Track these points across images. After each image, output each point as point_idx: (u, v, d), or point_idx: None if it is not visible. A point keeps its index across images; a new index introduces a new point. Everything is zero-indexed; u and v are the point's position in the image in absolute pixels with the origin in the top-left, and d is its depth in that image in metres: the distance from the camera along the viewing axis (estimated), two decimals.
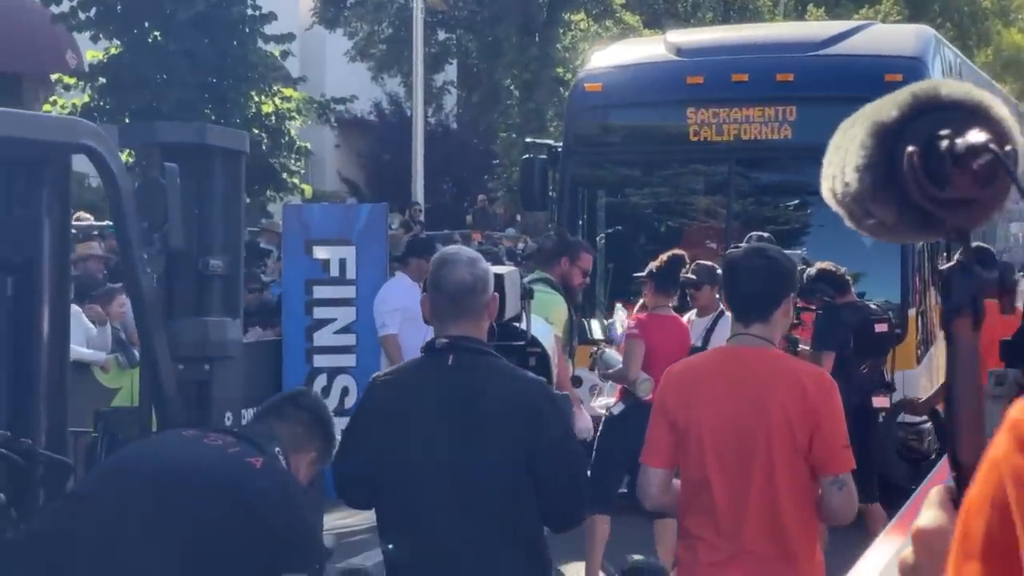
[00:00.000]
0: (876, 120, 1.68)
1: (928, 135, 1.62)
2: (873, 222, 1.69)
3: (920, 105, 1.66)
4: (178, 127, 4.91)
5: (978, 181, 1.59)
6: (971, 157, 1.58)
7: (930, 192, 1.60)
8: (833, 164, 1.73)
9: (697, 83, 11.81)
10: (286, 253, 13.29)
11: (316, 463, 4.44)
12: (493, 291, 4.45)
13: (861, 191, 1.67)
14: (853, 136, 1.70)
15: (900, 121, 1.65)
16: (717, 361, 4.67)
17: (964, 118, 1.63)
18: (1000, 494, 0.94)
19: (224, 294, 4.79)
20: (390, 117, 34.82)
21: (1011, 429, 0.96)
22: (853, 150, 1.68)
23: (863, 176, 1.66)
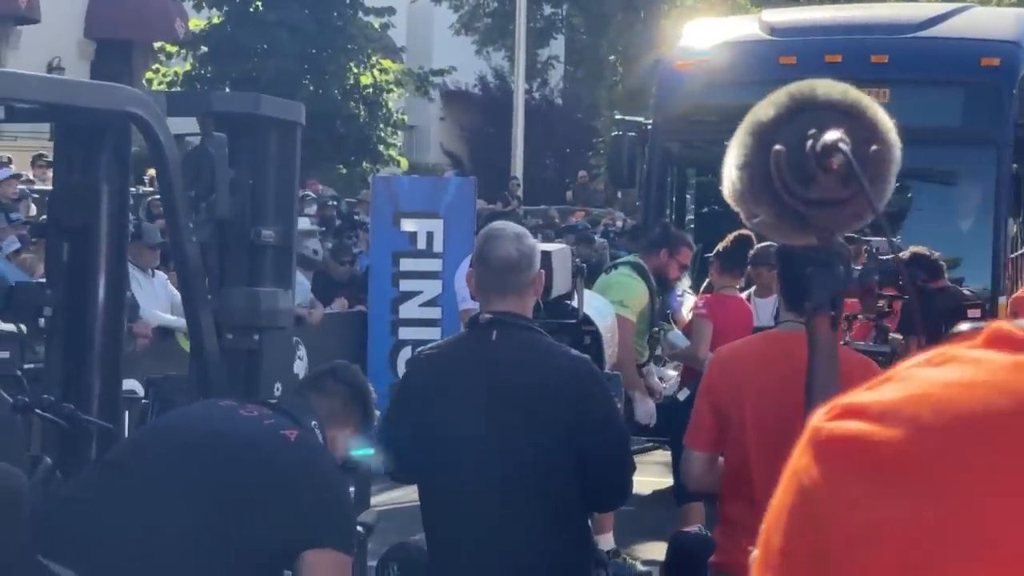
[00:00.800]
0: (754, 119, 1.64)
1: (801, 135, 1.57)
2: (758, 220, 1.65)
3: (796, 104, 1.61)
4: (232, 96, 4.93)
5: (842, 181, 1.54)
6: (828, 156, 1.53)
7: (796, 191, 1.55)
8: (727, 163, 1.70)
9: (790, 63, 11.62)
10: (374, 225, 13.35)
11: (353, 438, 4.42)
12: (540, 268, 4.42)
13: (742, 190, 1.64)
14: (739, 135, 1.66)
15: (776, 120, 1.61)
16: (765, 346, 4.59)
17: (838, 118, 1.57)
18: (796, 503, 0.91)
19: (276, 264, 4.80)
20: (495, 91, 34.84)
21: (809, 437, 0.93)
22: (735, 148, 1.65)
23: (742, 175, 1.63)
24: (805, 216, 1.59)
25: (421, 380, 4.49)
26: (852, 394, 0.93)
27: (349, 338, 12.58)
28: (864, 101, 1.63)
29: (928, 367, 0.93)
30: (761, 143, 1.62)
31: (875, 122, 1.62)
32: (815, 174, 1.56)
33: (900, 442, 0.88)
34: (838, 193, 1.57)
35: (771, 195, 1.60)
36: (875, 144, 1.58)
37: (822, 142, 1.53)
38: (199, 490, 3.94)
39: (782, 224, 1.63)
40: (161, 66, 20.29)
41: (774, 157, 1.56)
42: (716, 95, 12.21)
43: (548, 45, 35.08)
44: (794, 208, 1.58)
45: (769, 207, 1.61)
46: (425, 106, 29.55)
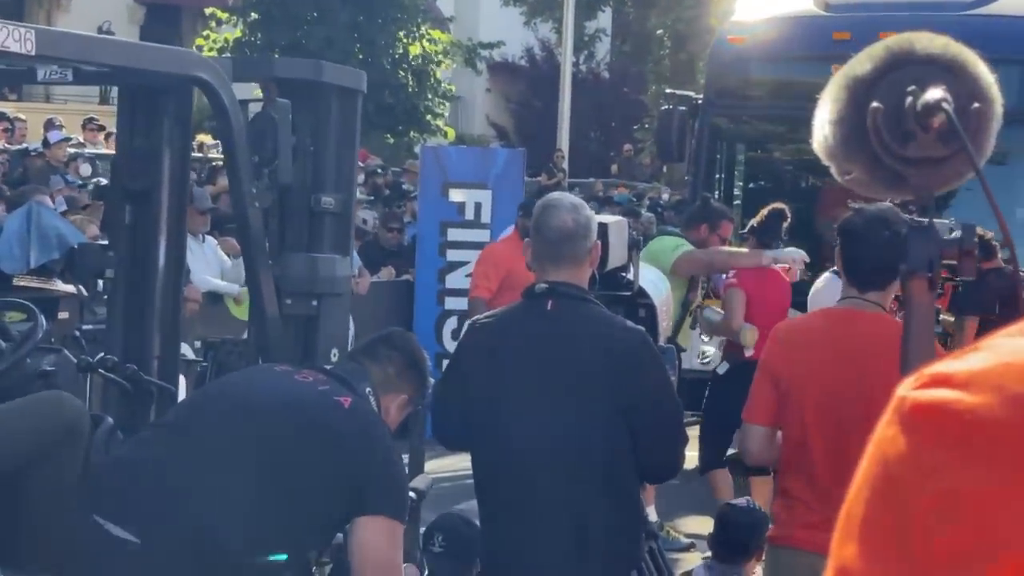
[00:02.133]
0: (849, 74, 1.62)
1: (899, 91, 1.55)
2: (851, 177, 1.64)
3: (895, 59, 1.59)
4: (295, 63, 4.94)
5: (942, 139, 1.52)
6: (929, 115, 1.51)
7: (893, 149, 1.54)
8: (819, 116, 1.68)
9: (844, 39, 11.53)
10: (422, 195, 13.37)
11: (407, 405, 4.43)
12: (596, 239, 4.42)
13: (835, 146, 1.62)
14: (832, 90, 1.64)
15: (873, 75, 1.59)
16: (826, 323, 4.59)
17: (938, 74, 1.55)
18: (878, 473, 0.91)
19: (335, 231, 4.82)
20: (541, 63, 34.76)
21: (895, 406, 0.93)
22: (827, 103, 1.63)
23: (835, 130, 1.61)
24: (902, 174, 1.57)
25: (476, 349, 4.51)
26: (939, 363, 0.93)
27: (396, 307, 12.62)
28: (965, 55, 1.61)
29: (1018, 336, 0.92)
30: (856, 98, 1.60)
31: (976, 77, 1.60)
32: (914, 132, 1.54)
33: (985, 409, 0.87)
34: (937, 151, 1.55)
35: (866, 152, 1.59)
36: (977, 101, 1.56)
37: (923, 100, 1.52)
38: (254, 454, 3.96)
39: (875, 181, 1.61)
40: (211, 32, 20.34)
41: (872, 114, 1.54)
42: (768, 70, 12.17)
43: (596, 18, 34.96)
44: (890, 166, 1.56)
45: (863, 164, 1.60)
46: (471, 77, 29.52)
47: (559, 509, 4.31)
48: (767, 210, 8.68)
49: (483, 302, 10.55)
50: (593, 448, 4.29)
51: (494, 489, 4.47)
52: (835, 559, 0.93)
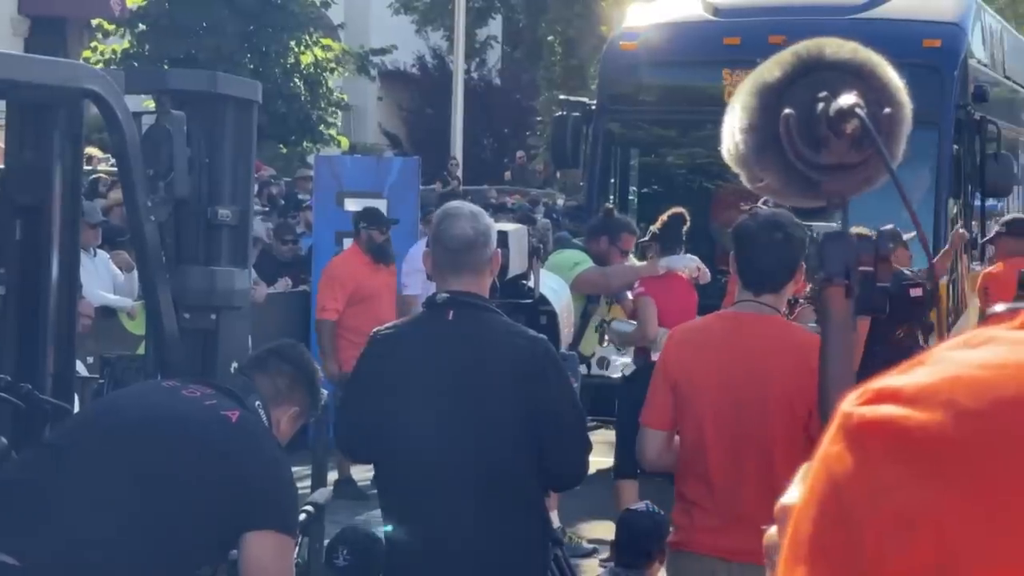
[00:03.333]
0: (759, 81, 1.61)
1: (809, 97, 1.55)
2: (762, 184, 1.63)
3: (804, 65, 1.59)
4: (188, 74, 4.88)
5: (855, 146, 1.53)
6: (842, 121, 1.51)
7: (807, 156, 1.54)
8: (727, 124, 1.67)
9: (734, 44, 11.68)
10: (317, 204, 13.29)
11: (299, 418, 4.37)
12: (496, 247, 4.42)
13: (747, 153, 1.61)
14: (742, 97, 1.63)
15: (783, 81, 1.59)
16: (722, 326, 4.61)
17: (847, 79, 1.56)
18: (826, 491, 0.89)
19: (232, 244, 4.77)
20: (433, 71, 34.71)
21: (840, 423, 0.90)
22: (738, 111, 1.62)
23: (747, 138, 1.60)
24: (815, 181, 1.57)
25: (378, 359, 4.49)
26: (884, 377, 0.90)
27: (292, 318, 12.51)
28: (874, 60, 1.61)
29: (964, 348, 0.90)
30: (767, 105, 1.59)
31: (885, 82, 1.60)
32: (827, 138, 1.54)
33: (936, 426, 0.85)
34: (850, 157, 1.55)
35: (778, 159, 1.58)
36: (887, 106, 1.56)
37: (837, 106, 1.51)
38: (139, 473, 3.89)
39: (788, 188, 1.61)
40: (98, 44, 20.07)
41: (784, 121, 1.54)
42: (660, 75, 12.27)
43: (487, 25, 35.00)
44: (804, 173, 1.56)
45: (776, 171, 1.59)
46: (363, 86, 29.41)
47: (464, 519, 4.30)
48: (667, 216, 8.74)
49: (331, 324, 10.50)
50: (497, 457, 4.29)
51: (398, 499, 4.46)
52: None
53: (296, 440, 4.60)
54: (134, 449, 3.95)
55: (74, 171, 4.84)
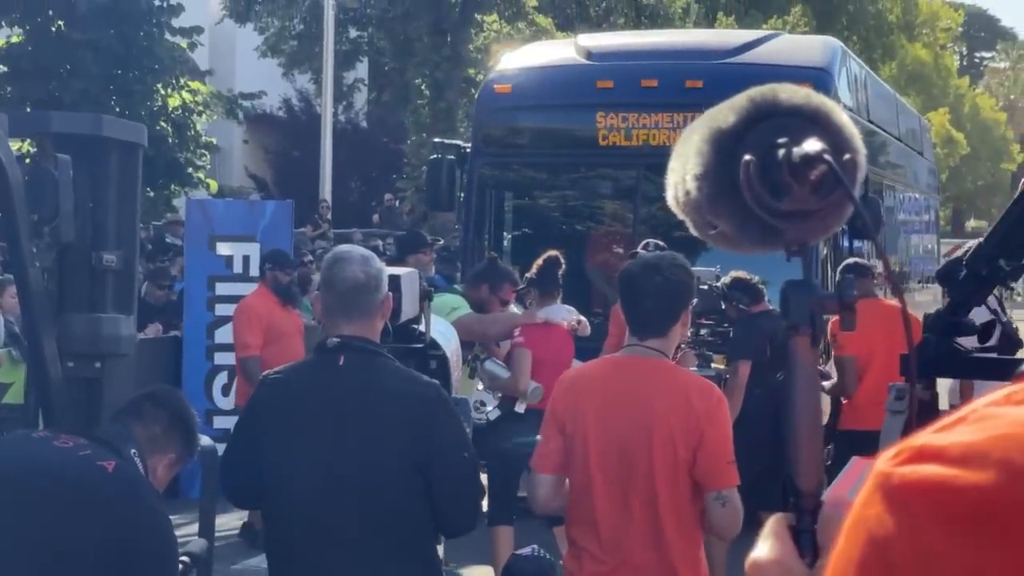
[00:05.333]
0: (713, 126, 1.60)
1: (767, 143, 1.54)
2: (715, 232, 1.61)
3: (758, 111, 1.58)
4: (73, 117, 4.77)
5: (817, 192, 1.52)
6: (807, 167, 1.50)
7: (768, 203, 1.53)
8: (675, 171, 1.65)
9: (607, 87, 11.79)
10: (189, 248, 13.11)
11: (175, 464, 4.26)
12: (388, 291, 4.37)
13: (700, 200, 1.59)
14: (693, 143, 1.62)
15: (738, 127, 1.58)
16: (608, 370, 4.61)
17: (803, 125, 1.55)
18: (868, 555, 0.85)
19: (117, 289, 4.65)
20: (299, 114, 34.60)
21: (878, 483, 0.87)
22: (691, 157, 1.60)
23: (701, 185, 1.58)
24: (775, 228, 1.55)
25: (267, 404, 4.41)
26: (922, 435, 0.87)
27: (164, 364, 12.31)
28: (827, 105, 1.60)
29: (1009, 405, 0.86)
30: (721, 151, 1.57)
31: (840, 127, 1.59)
32: (788, 185, 1.52)
33: (990, 487, 0.82)
34: (812, 204, 1.54)
35: (734, 206, 1.56)
36: (846, 152, 1.55)
37: (802, 152, 1.50)
38: (12, 528, 3.75)
39: (744, 235, 1.59)
40: None
41: (744, 167, 1.52)
42: (534, 118, 12.33)
43: (354, 68, 34.98)
44: (762, 219, 1.55)
45: (731, 218, 1.57)
46: (228, 128, 29.19)
47: (353, 567, 4.24)
48: (542, 260, 8.72)
49: (257, 359, 10.35)
50: (388, 504, 4.23)
51: (286, 546, 4.38)
52: None
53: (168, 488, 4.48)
54: (9, 504, 3.81)
55: None
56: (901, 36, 54.51)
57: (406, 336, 4.97)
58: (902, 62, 53.73)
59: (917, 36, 57.82)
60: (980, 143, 60.99)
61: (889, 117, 15.49)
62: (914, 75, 54.46)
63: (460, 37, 31.38)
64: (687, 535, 4.41)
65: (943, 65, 60.23)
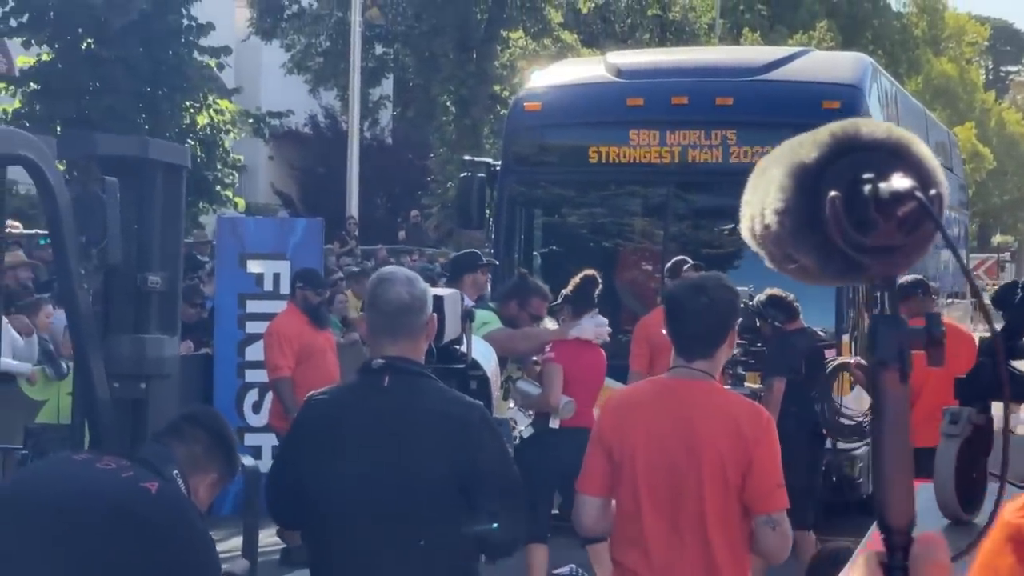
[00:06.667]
0: (795, 161, 1.60)
1: (850, 178, 1.54)
2: (795, 266, 1.61)
3: (840, 145, 1.58)
4: (118, 140, 4.80)
5: (903, 228, 1.52)
6: (896, 204, 1.50)
7: (853, 239, 1.53)
8: (751, 204, 1.65)
9: (637, 105, 11.80)
10: (219, 266, 13.14)
11: (217, 484, 4.28)
12: (432, 312, 4.38)
13: (781, 234, 1.59)
14: (772, 177, 1.62)
15: (820, 162, 1.58)
16: (655, 393, 4.60)
17: (885, 159, 1.55)
18: None
19: (162, 311, 4.69)
20: (325, 130, 34.67)
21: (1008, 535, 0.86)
22: (772, 191, 1.60)
23: (783, 219, 1.58)
24: (858, 262, 1.55)
25: (312, 425, 4.42)
26: None
27: (195, 381, 12.35)
28: (908, 138, 1.60)
29: None
30: (804, 186, 1.57)
31: (921, 160, 1.59)
32: (875, 220, 1.52)
33: None
34: (898, 239, 1.54)
35: (818, 241, 1.56)
36: (931, 187, 1.55)
37: (891, 189, 1.50)
38: (59, 553, 3.76)
39: (827, 269, 1.58)
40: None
41: (831, 203, 1.52)
42: (565, 136, 12.34)
43: (380, 84, 35.06)
44: (846, 254, 1.55)
45: (814, 253, 1.57)
46: (253, 145, 29.28)
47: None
48: (579, 278, 8.72)
49: (288, 380, 10.37)
50: (433, 525, 4.23)
51: (330, 566, 4.39)
52: None
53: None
54: (54, 529, 3.81)
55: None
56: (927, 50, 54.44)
57: (448, 356, 4.98)
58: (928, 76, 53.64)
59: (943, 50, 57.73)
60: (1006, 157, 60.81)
61: (919, 133, 15.46)
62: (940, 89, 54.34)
63: (485, 53, 31.43)
64: (736, 558, 4.40)
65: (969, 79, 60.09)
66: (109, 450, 4.22)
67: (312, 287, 10.68)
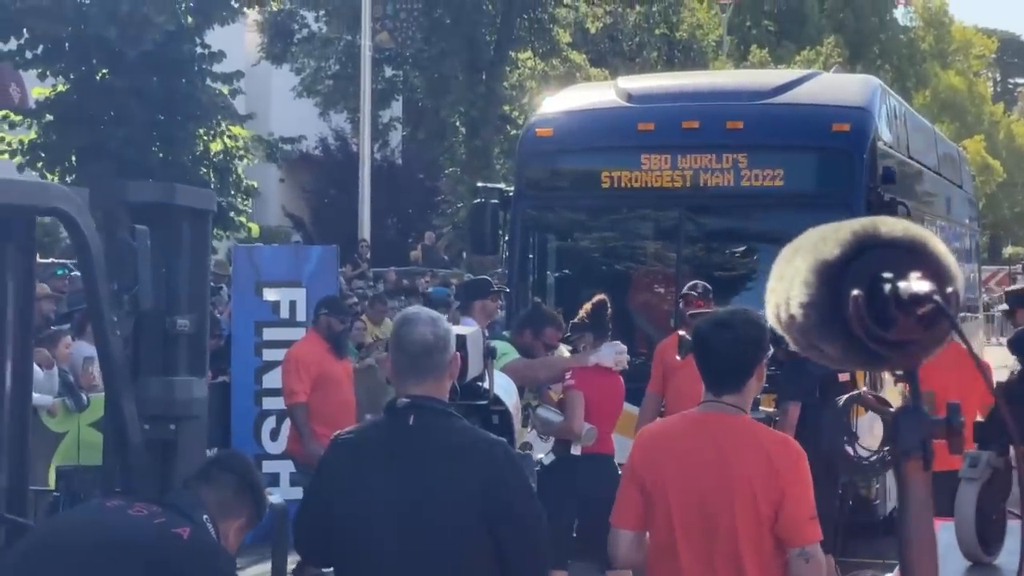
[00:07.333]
0: (818, 258, 1.70)
1: (870, 275, 1.64)
2: (819, 353, 1.71)
3: (861, 243, 1.68)
4: (147, 186, 4.90)
5: (921, 324, 1.62)
6: (915, 304, 1.60)
7: (875, 333, 1.62)
8: (776, 292, 1.75)
9: (648, 129, 11.87)
10: (236, 294, 13.25)
11: (245, 528, 4.35)
12: (455, 351, 4.46)
13: (806, 325, 1.69)
14: (796, 269, 1.72)
15: (842, 259, 1.68)
16: (686, 427, 4.66)
17: (904, 257, 1.65)
18: None
19: (190, 352, 4.78)
20: (335, 153, 34.79)
21: None
22: (797, 285, 1.70)
23: (808, 312, 1.68)
24: (880, 355, 1.66)
25: (338, 464, 4.49)
26: None
27: (213, 409, 12.41)
28: (924, 236, 1.71)
29: None
30: (827, 282, 1.68)
31: (937, 258, 1.70)
32: (895, 318, 1.63)
33: None
34: (917, 334, 1.64)
35: (841, 333, 1.66)
36: (948, 285, 1.65)
37: (911, 292, 1.61)
38: None
39: (849, 357, 1.69)
40: (4, 134, 19.92)
41: (853, 303, 1.63)
42: (577, 161, 12.42)
43: (389, 107, 35.19)
44: (868, 346, 1.65)
45: (838, 343, 1.68)
46: (264, 168, 29.41)
47: None
48: (591, 304, 8.78)
49: (303, 406, 10.44)
50: (459, 563, 4.30)
51: None
52: None
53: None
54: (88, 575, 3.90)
55: (27, 281, 4.84)
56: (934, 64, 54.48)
57: (471, 393, 5.06)
58: (935, 90, 53.68)
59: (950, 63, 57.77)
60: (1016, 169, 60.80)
61: (928, 151, 15.54)
62: (948, 103, 54.38)
63: (495, 74, 31.57)
64: None
65: (977, 92, 60.13)
66: (140, 493, 4.30)
67: (337, 315, 10.71)
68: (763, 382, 4.67)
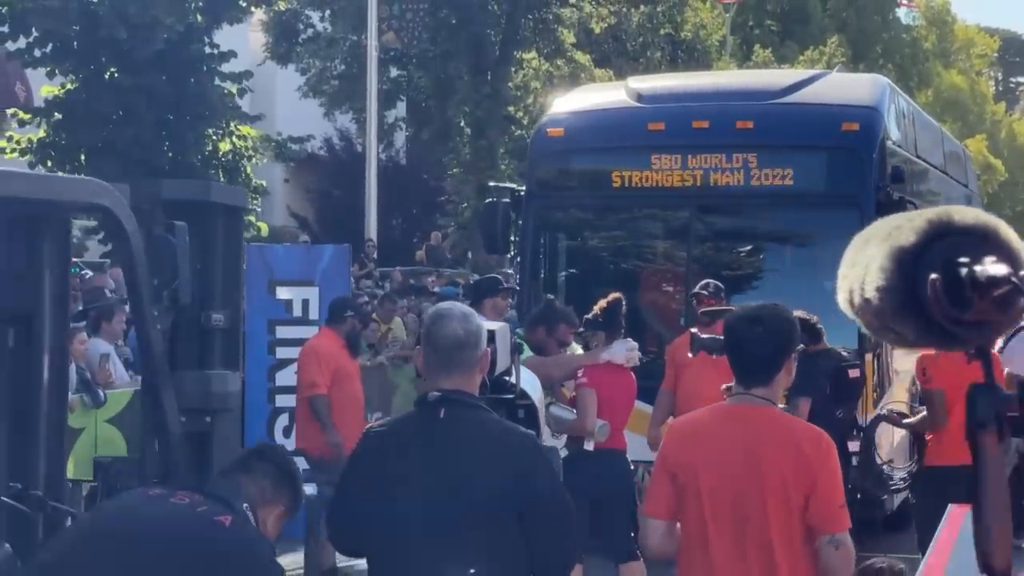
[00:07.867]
0: (894, 245, 1.81)
1: (946, 260, 1.76)
2: (893, 335, 1.82)
3: (935, 230, 1.80)
4: (183, 184, 5.01)
5: (997, 305, 1.73)
6: (992, 286, 1.71)
7: (953, 314, 1.73)
8: (849, 279, 1.86)
9: (658, 129, 11.95)
10: (249, 292, 13.30)
11: (283, 517, 4.45)
12: (486, 347, 4.54)
13: (883, 309, 1.80)
14: (871, 256, 1.83)
15: (918, 246, 1.79)
16: (717, 418, 4.75)
17: (977, 243, 1.77)
18: None
19: (224, 347, 4.89)
20: (340, 153, 34.84)
21: None
22: (873, 271, 1.81)
23: (884, 296, 1.79)
24: (956, 335, 1.78)
25: (371, 457, 4.57)
26: None
27: None
28: (995, 223, 1.83)
29: None
30: (903, 267, 1.80)
31: (1009, 243, 1.82)
32: (972, 299, 1.75)
33: None
34: (992, 315, 1.76)
35: (916, 315, 1.78)
36: (1021, 268, 1.77)
37: (988, 275, 1.73)
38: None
39: (924, 339, 1.81)
40: (13, 133, 20.00)
41: (931, 286, 1.74)
42: (587, 161, 12.50)
43: (394, 107, 35.25)
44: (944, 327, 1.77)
45: (913, 325, 1.79)
46: (269, 168, 29.48)
47: None
48: (606, 302, 8.87)
49: (324, 398, 10.59)
50: (490, 553, 4.37)
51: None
52: None
53: None
54: (132, 562, 3.96)
55: (63, 278, 4.93)
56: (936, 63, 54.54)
57: (499, 387, 5.15)
58: (938, 89, 53.73)
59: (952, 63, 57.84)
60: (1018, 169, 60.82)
61: (935, 149, 15.63)
62: (950, 102, 54.43)
63: (500, 75, 31.63)
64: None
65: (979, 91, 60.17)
66: (180, 483, 4.40)
67: (359, 317, 11.01)
68: (792, 376, 4.74)
